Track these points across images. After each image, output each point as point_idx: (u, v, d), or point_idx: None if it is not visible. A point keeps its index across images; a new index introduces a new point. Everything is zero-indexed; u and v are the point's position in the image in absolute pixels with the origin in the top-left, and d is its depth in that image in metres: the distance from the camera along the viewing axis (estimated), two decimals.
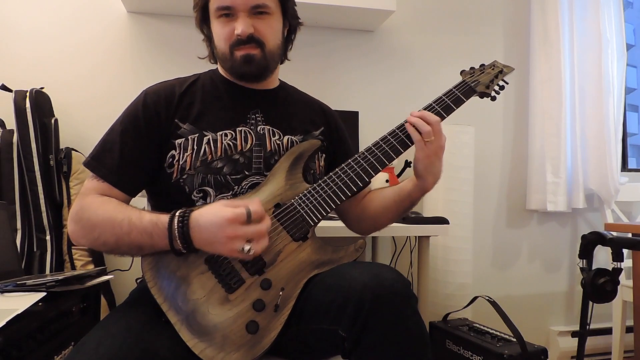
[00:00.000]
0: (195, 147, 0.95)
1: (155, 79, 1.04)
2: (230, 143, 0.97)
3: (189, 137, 0.96)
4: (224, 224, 0.77)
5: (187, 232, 0.80)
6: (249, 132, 1.00)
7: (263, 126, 1.02)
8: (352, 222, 1.15)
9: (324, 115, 1.14)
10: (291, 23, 1.07)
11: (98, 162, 0.93)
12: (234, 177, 0.95)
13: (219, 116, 1.00)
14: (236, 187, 0.95)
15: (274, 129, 1.03)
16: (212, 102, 1.02)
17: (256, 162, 0.98)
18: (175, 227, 0.80)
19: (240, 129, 0.99)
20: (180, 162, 0.94)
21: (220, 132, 0.97)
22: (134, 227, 0.83)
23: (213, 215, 0.79)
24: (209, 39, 1.06)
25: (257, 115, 1.03)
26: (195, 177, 0.94)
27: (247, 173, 0.96)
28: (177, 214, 0.82)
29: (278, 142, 1.02)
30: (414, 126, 0.94)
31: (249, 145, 0.98)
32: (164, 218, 0.82)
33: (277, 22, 1.02)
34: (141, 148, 0.94)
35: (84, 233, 0.87)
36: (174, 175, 0.94)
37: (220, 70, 1.08)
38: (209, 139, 0.96)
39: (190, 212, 0.82)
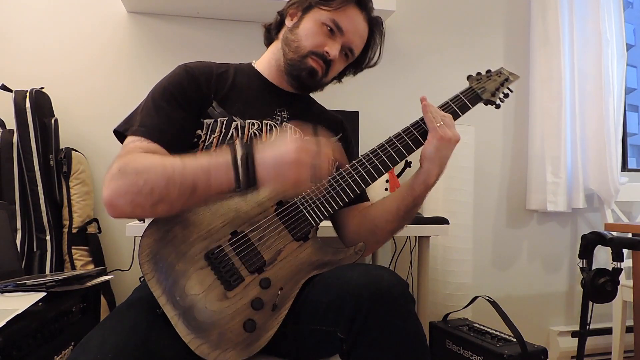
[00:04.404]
0: (223, 130, 0.97)
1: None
2: (257, 132, 0.99)
3: (219, 120, 0.97)
4: (291, 149, 0.76)
5: (252, 163, 0.76)
6: (274, 127, 1.02)
7: (287, 123, 1.05)
8: (350, 233, 1.08)
9: (341, 125, 1.18)
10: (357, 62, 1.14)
11: (141, 125, 0.90)
12: None
13: (248, 105, 1.02)
14: None
15: (297, 129, 1.05)
16: (244, 91, 1.04)
17: None
18: (241, 155, 0.77)
19: (266, 121, 1.02)
20: (206, 143, 0.95)
21: (249, 121, 1.00)
22: (188, 165, 0.78)
23: (281, 143, 0.77)
24: (282, 18, 1.09)
25: (283, 113, 1.06)
26: None
27: None
28: (237, 144, 0.79)
29: None
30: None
31: (272, 138, 0.99)
32: (224, 151, 0.79)
33: (345, 64, 1.11)
34: (186, 113, 0.94)
35: (127, 185, 0.78)
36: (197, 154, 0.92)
37: (257, 66, 1.11)
38: (237, 125, 0.98)
39: (253, 142, 0.80)
